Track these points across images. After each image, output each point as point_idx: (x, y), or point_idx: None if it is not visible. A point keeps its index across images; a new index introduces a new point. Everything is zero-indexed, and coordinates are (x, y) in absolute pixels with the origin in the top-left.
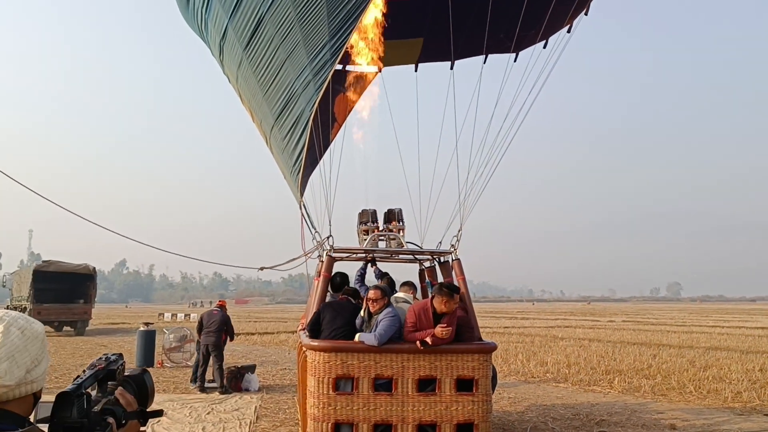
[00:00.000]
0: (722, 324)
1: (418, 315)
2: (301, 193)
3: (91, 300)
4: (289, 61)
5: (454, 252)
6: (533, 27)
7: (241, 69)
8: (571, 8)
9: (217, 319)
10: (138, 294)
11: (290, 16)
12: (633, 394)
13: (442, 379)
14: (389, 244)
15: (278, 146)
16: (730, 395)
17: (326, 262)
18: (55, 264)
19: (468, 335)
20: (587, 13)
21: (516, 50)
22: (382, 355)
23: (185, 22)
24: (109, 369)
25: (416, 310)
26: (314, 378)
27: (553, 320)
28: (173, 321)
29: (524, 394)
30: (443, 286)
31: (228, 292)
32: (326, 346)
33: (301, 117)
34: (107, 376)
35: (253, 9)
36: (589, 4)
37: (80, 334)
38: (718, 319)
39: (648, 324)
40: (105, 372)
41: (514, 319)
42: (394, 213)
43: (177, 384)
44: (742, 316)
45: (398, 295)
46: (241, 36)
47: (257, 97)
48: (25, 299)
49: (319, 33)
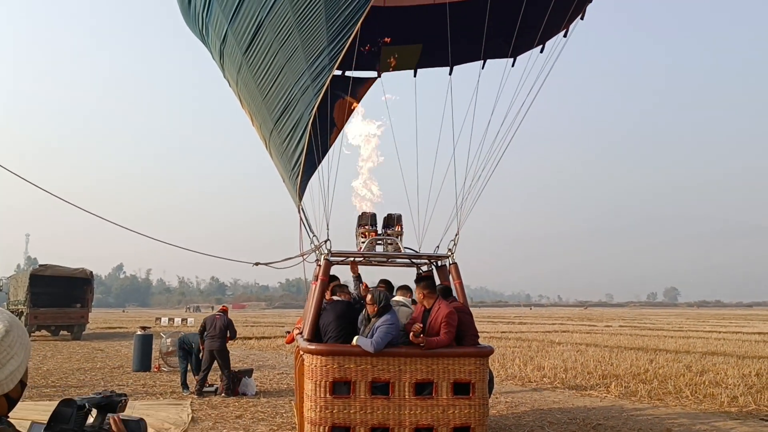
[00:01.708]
0: (719, 329)
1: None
2: (299, 196)
3: (89, 304)
4: (288, 66)
5: (451, 256)
6: (530, 32)
7: (240, 73)
8: (568, 13)
9: (219, 323)
10: (135, 298)
11: (289, 21)
12: (630, 399)
13: (439, 382)
14: (387, 249)
15: (277, 150)
16: (726, 400)
17: (323, 266)
18: (52, 268)
19: (470, 339)
20: (583, 18)
21: (514, 55)
22: (379, 358)
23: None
24: (112, 400)
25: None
26: (311, 381)
27: (551, 325)
28: (170, 325)
29: (521, 399)
30: (418, 278)
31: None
32: (323, 350)
33: (299, 121)
34: (109, 405)
35: (253, 14)
36: (585, 9)
37: (77, 338)
38: (715, 324)
39: (645, 329)
40: (108, 401)
41: (512, 323)
42: (393, 218)
43: (173, 389)
44: (738, 321)
45: (396, 298)
46: (241, 40)
47: (257, 101)
48: (21, 303)
49: (318, 38)
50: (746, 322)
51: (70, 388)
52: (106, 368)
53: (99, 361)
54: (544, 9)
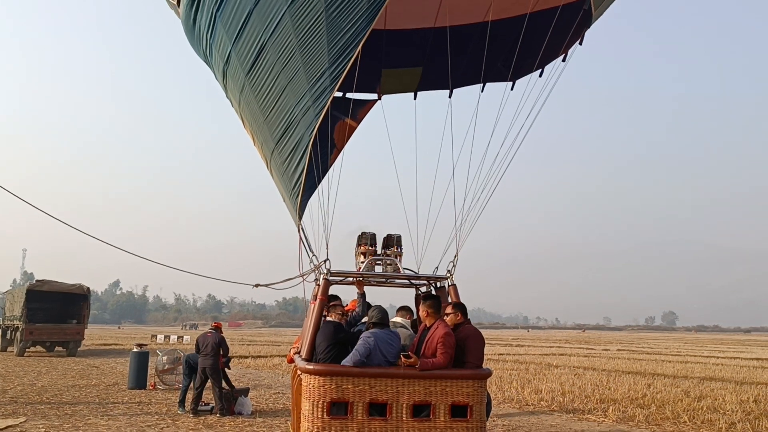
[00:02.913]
0: (717, 354)
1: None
2: (299, 216)
3: (85, 320)
4: (290, 87)
5: (450, 277)
6: (530, 57)
7: (243, 94)
8: (566, 38)
9: (211, 341)
10: (131, 315)
11: (292, 43)
12: (627, 424)
13: (436, 404)
14: (386, 269)
15: (278, 170)
16: (724, 426)
17: (322, 286)
18: (48, 283)
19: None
20: (581, 43)
21: (513, 79)
22: (377, 379)
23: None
24: None
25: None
26: (309, 401)
27: (548, 348)
28: (166, 343)
29: (518, 422)
30: (426, 296)
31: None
32: (321, 370)
33: (300, 142)
34: None
35: (256, 35)
36: (584, 35)
37: (72, 354)
38: (713, 349)
39: (643, 353)
40: None
41: (509, 346)
42: (393, 239)
43: (169, 407)
44: (737, 346)
45: (395, 320)
46: (244, 61)
47: (258, 122)
48: (17, 319)
49: (319, 60)
50: (744, 348)
51: (64, 405)
52: (101, 385)
53: (94, 378)
54: (542, 34)
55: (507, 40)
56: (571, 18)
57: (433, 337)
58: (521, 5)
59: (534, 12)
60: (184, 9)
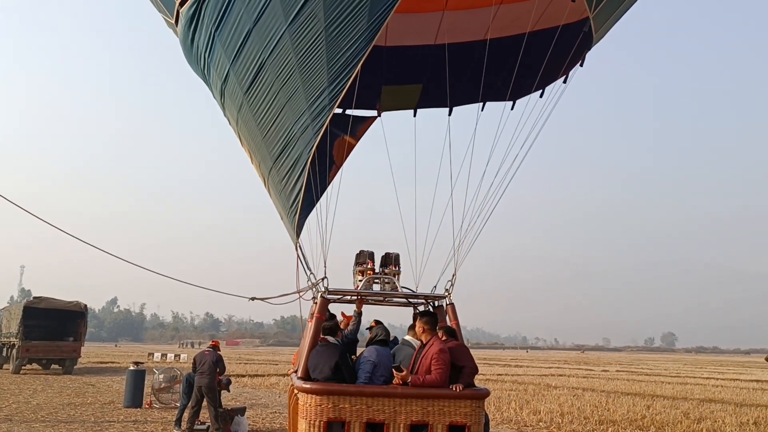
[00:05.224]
0: (717, 376)
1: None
2: (297, 234)
3: (81, 338)
4: (289, 105)
5: (448, 297)
6: (530, 77)
7: (241, 112)
8: (567, 60)
9: (208, 359)
10: (128, 333)
11: (291, 61)
12: None
13: (434, 424)
14: (384, 288)
15: (276, 188)
16: None
17: (320, 304)
18: (46, 300)
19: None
20: (582, 65)
21: (513, 98)
22: (375, 398)
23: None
24: None
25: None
26: (305, 421)
27: (547, 368)
28: (163, 361)
29: None
30: (423, 312)
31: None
32: (318, 389)
33: (299, 160)
34: None
35: (255, 54)
36: (584, 57)
37: (68, 372)
38: (712, 370)
39: (642, 374)
40: None
41: (508, 366)
42: (391, 257)
43: (165, 425)
44: (736, 368)
45: (406, 338)
46: (243, 80)
47: (256, 140)
48: (14, 336)
49: (319, 78)
50: (744, 369)
51: (60, 423)
52: (96, 403)
53: (90, 396)
54: (542, 54)
55: (507, 59)
56: (571, 39)
57: (428, 354)
58: (520, 24)
59: (533, 31)
60: (182, 29)
